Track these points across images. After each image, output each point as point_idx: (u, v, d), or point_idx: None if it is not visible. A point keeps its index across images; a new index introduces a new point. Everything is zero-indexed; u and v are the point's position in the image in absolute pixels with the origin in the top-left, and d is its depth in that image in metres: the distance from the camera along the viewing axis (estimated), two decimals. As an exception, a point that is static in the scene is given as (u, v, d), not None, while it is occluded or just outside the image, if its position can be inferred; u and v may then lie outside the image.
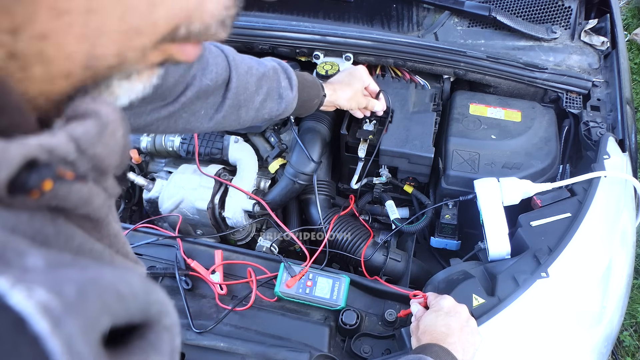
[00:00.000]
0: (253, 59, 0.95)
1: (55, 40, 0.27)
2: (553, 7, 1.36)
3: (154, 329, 0.29)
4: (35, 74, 0.28)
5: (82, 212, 0.30)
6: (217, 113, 0.90)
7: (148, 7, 0.29)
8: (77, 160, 0.28)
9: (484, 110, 1.24)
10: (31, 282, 0.22)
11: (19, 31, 0.26)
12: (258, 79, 0.93)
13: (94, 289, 0.24)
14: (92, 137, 0.28)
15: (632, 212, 1.08)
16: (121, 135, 0.30)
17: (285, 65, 1.01)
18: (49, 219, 0.28)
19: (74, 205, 0.28)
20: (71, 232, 0.30)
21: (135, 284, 0.28)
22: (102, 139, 0.29)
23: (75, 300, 0.23)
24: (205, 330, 0.93)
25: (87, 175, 0.29)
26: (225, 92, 0.89)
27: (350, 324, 0.95)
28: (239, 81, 0.89)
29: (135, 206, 1.40)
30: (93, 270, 0.26)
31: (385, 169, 1.23)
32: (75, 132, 0.28)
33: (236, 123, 0.95)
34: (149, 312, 0.29)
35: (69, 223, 0.29)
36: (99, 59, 0.29)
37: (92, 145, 0.28)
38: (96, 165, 0.29)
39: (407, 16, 1.40)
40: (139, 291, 0.28)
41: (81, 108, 0.29)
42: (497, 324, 0.90)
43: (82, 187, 0.28)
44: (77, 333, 0.22)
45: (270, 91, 0.96)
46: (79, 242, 0.30)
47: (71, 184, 0.27)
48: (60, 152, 0.27)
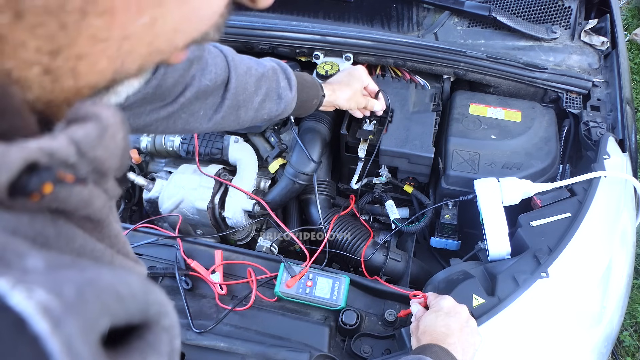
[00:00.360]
0: (252, 60, 0.95)
1: (89, 60, 0.29)
2: (553, 7, 1.36)
3: (152, 330, 0.29)
4: (65, 87, 0.29)
5: (83, 214, 0.30)
6: (216, 113, 0.90)
7: (174, 34, 0.32)
8: (77, 163, 0.28)
9: (484, 110, 1.24)
10: (31, 283, 0.22)
11: (58, 53, 0.28)
12: (257, 80, 0.93)
13: (93, 289, 0.25)
14: (93, 140, 0.29)
15: (632, 212, 1.08)
16: (121, 138, 0.31)
17: (285, 65, 1.01)
18: (49, 221, 0.28)
19: (75, 207, 0.29)
20: (72, 233, 0.30)
21: (134, 285, 0.28)
22: (103, 142, 0.29)
23: (75, 300, 0.23)
24: (205, 330, 0.93)
25: (87, 178, 0.29)
26: (225, 93, 0.89)
27: (350, 324, 0.95)
28: (238, 81, 0.90)
29: (135, 206, 1.40)
30: (92, 271, 0.26)
31: (385, 169, 1.23)
32: (75, 135, 0.28)
33: (235, 123, 0.95)
34: (148, 312, 0.29)
35: (70, 224, 0.30)
36: (124, 73, 0.32)
37: (92, 148, 0.28)
38: (96, 167, 0.29)
39: (407, 16, 1.40)
40: (138, 292, 0.28)
41: (82, 111, 0.30)
42: (497, 324, 0.90)
43: (83, 189, 0.28)
44: (76, 333, 0.22)
45: (270, 91, 0.96)
46: (80, 243, 0.30)
47: (71, 187, 0.28)
48: (61, 155, 0.27)
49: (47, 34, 0.27)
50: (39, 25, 0.26)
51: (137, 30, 0.30)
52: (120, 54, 0.30)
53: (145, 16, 0.29)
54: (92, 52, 0.29)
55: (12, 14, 0.25)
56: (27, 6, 0.26)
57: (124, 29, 0.29)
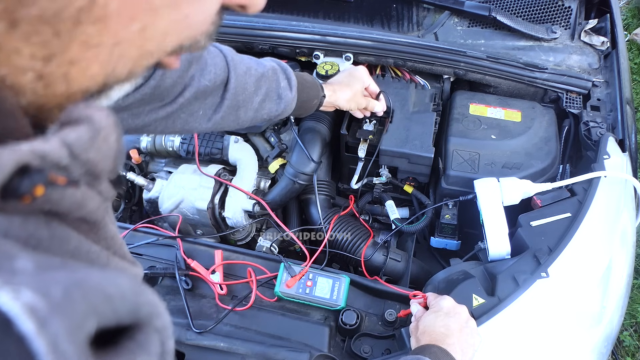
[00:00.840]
0: (252, 59, 0.95)
1: (81, 65, 0.29)
2: (553, 7, 1.36)
3: (143, 330, 0.29)
4: (57, 92, 0.30)
5: (77, 216, 0.30)
6: (215, 113, 0.90)
7: (164, 37, 0.33)
8: (70, 165, 0.28)
9: (484, 110, 1.24)
10: (18, 284, 0.22)
11: (51, 59, 0.28)
12: (257, 80, 0.93)
13: (80, 290, 0.25)
14: (85, 143, 0.29)
15: (632, 212, 1.08)
16: (114, 140, 0.31)
17: (285, 65, 1.01)
18: (42, 223, 0.28)
19: (68, 209, 0.29)
20: (66, 235, 0.30)
21: (124, 286, 0.28)
22: (95, 144, 0.29)
23: (62, 301, 0.23)
24: (205, 330, 0.93)
25: (80, 180, 0.29)
26: (224, 93, 0.89)
27: (350, 324, 0.95)
28: (237, 82, 0.89)
29: (135, 206, 1.40)
30: (81, 273, 0.26)
31: (385, 169, 1.23)
32: (68, 138, 0.28)
33: (235, 123, 0.95)
34: (138, 313, 0.29)
35: (64, 226, 0.30)
36: (115, 77, 0.32)
37: (85, 151, 0.29)
38: (89, 170, 0.29)
39: (407, 16, 1.40)
40: (128, 293, 0.28)
41: (75, 113, 0.30)
42: (497, 324, 0.90)
43: (75, 191, 0.29)
44: (62, 333, 0.23)
45: (269, 92, 0.96)
46: (74, 245, 0.30)
47: (64, 189, 0.28)
48: (53, 157, 0.27)
49: (41, 41, 0.27)
50: (33, 34, 0.27)
51: (129, 36, 0.30)
52: (112, 59, 0.30)
53: (137, 23, 0.30)
54: (84, 57, 0.29)
55: (7, 23, 0.26)
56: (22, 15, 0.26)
57: (116, 35, 0.29)
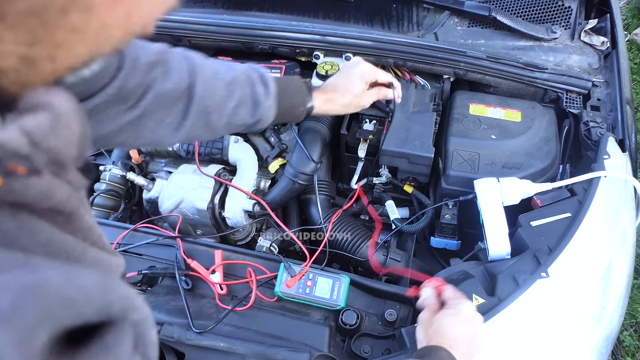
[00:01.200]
0: (222, 64, 0.92)
1: (67, 47, 0.29)
2: (553, 7, 1.36)
3: (116, 327, 0.29)
4: (42, 70, 0.29)
5: (46, 206, 0.29)
6: (184, 120, 0.86)
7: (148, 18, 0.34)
8: (31, 154, 0.27)
9: (484, 110, 1.24)
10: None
11: (36, 43, 0.28)
12: (227, 84, 0.89)
13: (33, 297, 0.24)
14: (46, 130, 0.28)
15: (632, 212, 1.08)
16: (77, 125, 0.30)
17: (262, 71, 0.96)
18: (8, 215, 0.28)
19: (34, 199, 0.28)
20: (36, 226, 0.29)
21: (90, 286, 0.27)
22: (56, 131, 0.28)
23: (9, 311, 0.23)
24: (205, 330, 0.93)
25: (43, 169, 0.28)
26: (191, 98, 0.85)
27: (350, 324, 0.95)
28: (205, 86, 0.86)
29: (135, 206, 1.41)
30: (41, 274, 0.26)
31: (385, 169, 1.23)
32: (27, 125, 0.27)
33: (209, 132, 0.91)
34: (109, 310, 0.28)
35: (34, 217, 0.29)
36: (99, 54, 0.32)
37: (45, 138, 0.28)
38: (52, 158, 0.28)
39: (407, 16, 1.40)
40: (94, 292, 0.27)
41: (34, 100, 0.29)
42: (497, 324, 0.90)
43: (39, 181, 0.28)
44: (8, 343, 0.22)
45: (243, 97, 0.92)
46: (46, 237, 0.30)
47: (26, 179, 0.27)
48: (12, 146, 0.26)
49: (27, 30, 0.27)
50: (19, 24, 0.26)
51: (114, 21, 0.30)
52: (98, 41, 0.30)
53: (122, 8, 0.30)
54: (70, 41, 0.29)
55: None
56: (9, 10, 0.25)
57: (102, 20, 0.29)
